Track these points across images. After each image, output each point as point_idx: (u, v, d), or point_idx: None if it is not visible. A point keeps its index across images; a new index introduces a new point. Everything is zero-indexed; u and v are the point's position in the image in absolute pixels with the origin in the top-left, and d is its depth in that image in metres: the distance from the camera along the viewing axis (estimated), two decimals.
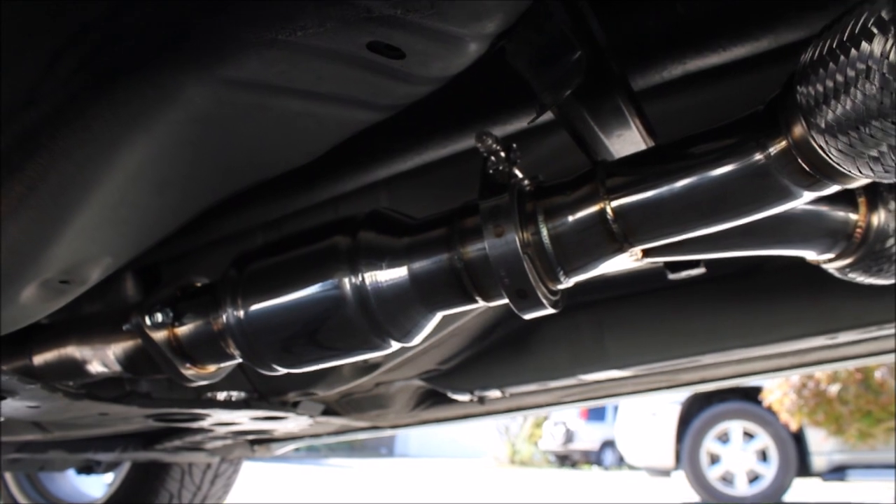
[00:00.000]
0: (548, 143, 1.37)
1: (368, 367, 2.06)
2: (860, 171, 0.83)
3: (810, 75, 0.81)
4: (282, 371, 1.23)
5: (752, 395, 8.74)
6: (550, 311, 1.05)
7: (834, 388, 7.82)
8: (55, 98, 0.96)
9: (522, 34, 0.98)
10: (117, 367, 1.40)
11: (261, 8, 0.85)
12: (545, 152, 1.37)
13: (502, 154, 1.04)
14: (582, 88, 1.01)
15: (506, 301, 1.04)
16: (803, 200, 0.93)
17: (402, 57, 0.93)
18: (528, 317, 1.06)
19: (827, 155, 0.83)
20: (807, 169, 0.87)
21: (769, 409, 8.48)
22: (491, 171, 1.05)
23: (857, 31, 0.76)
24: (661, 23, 1.20)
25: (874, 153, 0.79)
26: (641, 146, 1.18)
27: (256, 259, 1.21)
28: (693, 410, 9.25)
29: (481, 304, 1.09)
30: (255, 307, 1.17)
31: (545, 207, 1.03)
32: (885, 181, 0.85)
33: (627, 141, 1.18)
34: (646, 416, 9.90)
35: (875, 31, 0.74)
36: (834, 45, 0.79)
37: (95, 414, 1.89)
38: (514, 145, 1.07)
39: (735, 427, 8.98)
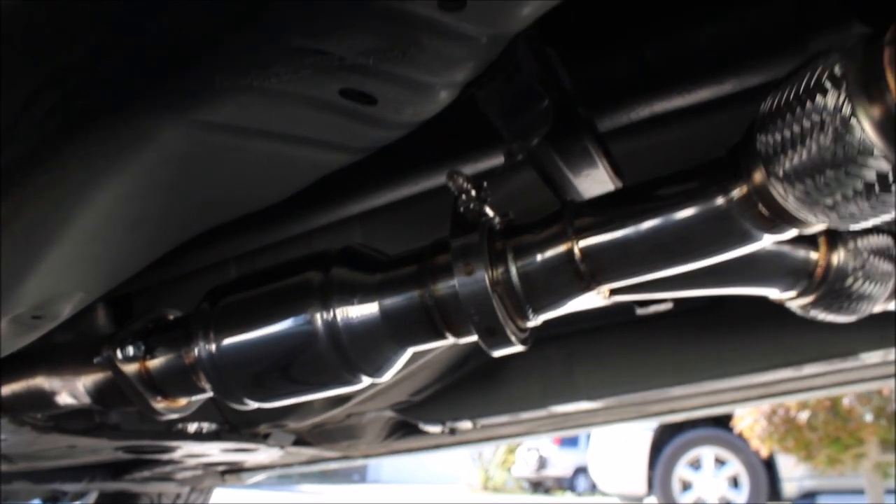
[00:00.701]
0: (518, 180, 1.39)
1: (340, 399, 2.06)
2: (817, 218, 0.86)
3: (769, 124, 0.84)
4: (253, 405, 1.23)
5: (723, 421, 8.80)
6: (519, 348, 1.07)
7: (803, 415, 7.91)
8: (30, 138, 0.96)
9: (492, 83, 1.01)
10: (87, 400, 1.39)
11: (236, 55, 0.86)
12: (516, 189, 1.40)
13: (473, 192, 1.06)
14: (551, 131, 1.04)
15: (475, 338, 1.06)
16: (763, 244, 0.96)
17: (375, 103, 0.95)
18: (496, 354, 1.08)
19: (785, 201, 0.86)
20: (766, 214, 0.90)
21: (740, 436, 8.53)
22: (461, 210, 1.07)
23: (811, 84, 0.80)
24: (628, 68, 1.23)
25: (829, 202, 0.82)
26: (609, 186, 1.21)
27: (229, 293, 1.22)
28: (665, 437, 9.29)
29: (451, 340, 1.11)
30: (227, 341, 1.17)
31: (514, 246, 1.05)
32: (841, 228, 0.88)
33: (595, 180, 1.20)
34: (618, 443, 9.93)
35: (829, 85, 0.78)
36: (791, 97, 0.82)
37: (63, 446, 1.87)
38: (485, 183, 1.09)
39: (707, 453, 9.03)
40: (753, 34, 1.19)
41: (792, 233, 0.93)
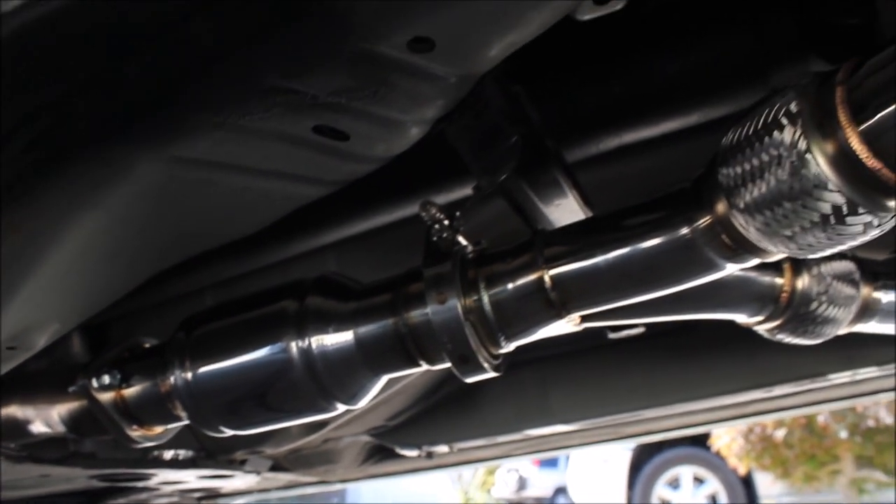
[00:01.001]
0: (491, 209, 1.42)
1: (317, 425, 2.06)
2: (777, 248, 0.89)
3: (730, 158, 0.87)
4: (228, 433, 1.23)
5: (701, 440, 8.83)
6: (492, 374, 1.09)
7: (780, 433, 7.97)
8: (5, 175, 0.97)
9: (462, 119, 1.03)
10: (61, 428, 1.38)
11: (210, 94, 0.88)
12: (488, 217, 1.42)
13: (446, 222, 1.08)
14: (520, 164, 1.06)
15: (449, 365, 1.07)
16: (727, 272, 0.99)
17: (347, 139, 0.98)
18: (470, 380, 1.10)
19: (747, 232, 0.89)
20: (729, 244, 0.93)
21: (718, 454, 8.57)
22: (435, 239, 1.08)
23: (769, 120, 0.83)
24: (597, 101, 1.27)
25: (788, 233, 0.85)
26: (579, 214, 1.24)
27: (205, 322, 1.23)
28: (644, 457, 9.31)
29: (425, 367, 1.12)
30: (202, 370, 1.17)
31: (486, 275, 1.06)
32: (799, 257, 0.91)
33: (565, 210, 1.23)
34: (597, 463, 9.92)
35: (785, 122, 0.81)
36: (750, 133, 0.85)
37: (36, 475, 1.85)
38: (458, 213, 1.11)
39: (685, 472, 9.05)
40: (716, 68, 1.22)
41: (754, 262, 0.95)
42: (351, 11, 0.78)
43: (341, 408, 1.17)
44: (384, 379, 1.17)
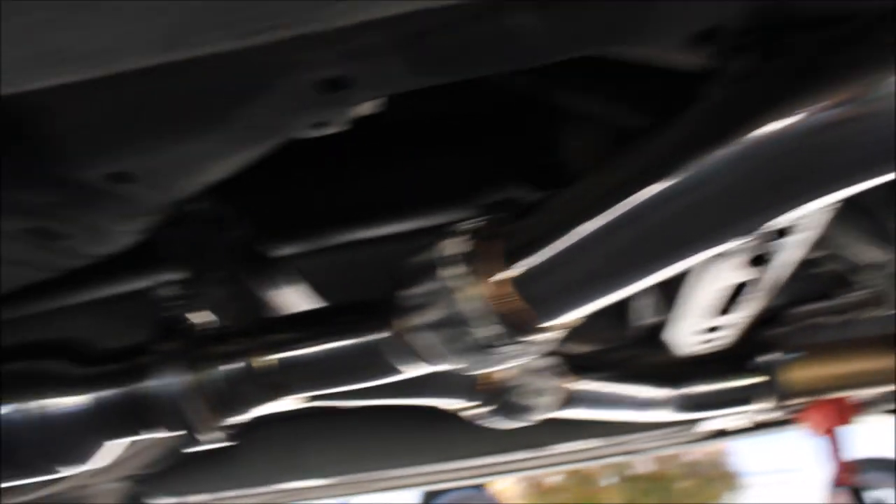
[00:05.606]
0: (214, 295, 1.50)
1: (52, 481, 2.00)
2: (447, 362, 1.02)
3: (406, 283, 0.98)
4: None
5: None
6: (225, 443, 1.15)
7: (552, 480, 8.42)
8: None
9: (167, 231, 1.12)
10: None
11: None
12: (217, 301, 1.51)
13: (178, 300, 1.15)
14: (235, 267, 1.17)
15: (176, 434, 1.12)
16: (413, 373, 1.11)
17: (57, 240, 1.04)
18: (201, 448, 1.15)
19: (420, 347, 1.02)
20: (410, 353, 1.05)
21: (494, 498, 8.82)
22: (167, 315, 1.15)
23: (440, 256, 0.94)
24: (329, 204, 1.40)
25: (453, 352, 0.98)
26: (302, 301, 1.34)
27: None
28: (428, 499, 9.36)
29: (150, 435, 1.17)
30: None
31: (210, 354, 1.14)
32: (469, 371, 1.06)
33: (288, 296, 1.33)
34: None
35: (452, 261, 0.92)
36: (423, 265, 0.98)
37: None
38: (192, 292, 1.18)
39: None
40: (434, 184, 1.39)
41: (430, 369, 1.09)
42: (58, 143, 0.86)
43: (64, 472, 1.19)
44: (111, 445, 1.20)
